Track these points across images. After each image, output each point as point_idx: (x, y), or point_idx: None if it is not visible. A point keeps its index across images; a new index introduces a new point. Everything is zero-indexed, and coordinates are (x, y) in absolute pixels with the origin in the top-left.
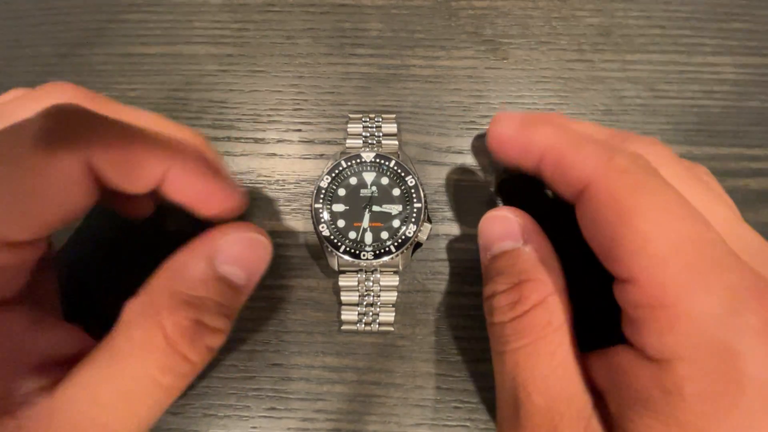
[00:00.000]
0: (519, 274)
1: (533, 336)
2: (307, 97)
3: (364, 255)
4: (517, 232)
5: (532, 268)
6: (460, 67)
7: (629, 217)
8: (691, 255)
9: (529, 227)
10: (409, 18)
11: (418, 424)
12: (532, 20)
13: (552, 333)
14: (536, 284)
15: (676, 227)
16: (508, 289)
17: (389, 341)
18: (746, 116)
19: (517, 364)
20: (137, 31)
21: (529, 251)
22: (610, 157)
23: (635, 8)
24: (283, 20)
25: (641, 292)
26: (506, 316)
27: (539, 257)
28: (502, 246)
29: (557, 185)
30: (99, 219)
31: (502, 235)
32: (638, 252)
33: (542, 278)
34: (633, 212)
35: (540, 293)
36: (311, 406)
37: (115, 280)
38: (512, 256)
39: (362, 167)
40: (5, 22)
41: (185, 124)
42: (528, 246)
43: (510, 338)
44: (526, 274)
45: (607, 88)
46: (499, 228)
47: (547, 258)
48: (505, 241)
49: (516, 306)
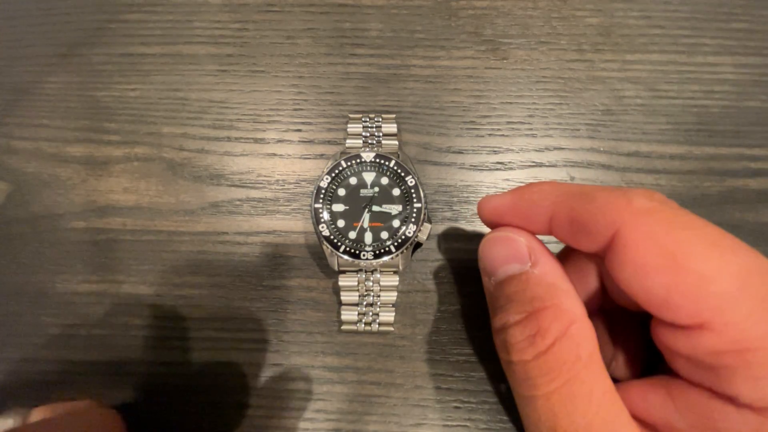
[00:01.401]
0: (532, 302)
1: (564, 377)
2: (307, 97)
3: (364, 255)
4: (523, 253)
5: (546, 294)
6: (460, 67)
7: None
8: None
9: (536, 247)
10: (409, 18)
11: (418, 424)
12: (532, 20)
13: (584, 369)
14: (555, 312)
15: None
16: (522, 320)
17: (389, 341)
18: (746, 116)
19: (553, 411)
20: (137, 31)
21: (539, 273)
22: (629, 199)
23: (635, 8)
24: (283, 20)
25: (719, 337)
26: (527, 354)
27: (552, 280)
28: (507, 270)
29: (578, 241)
30: None
31: (507, 257)
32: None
33: (559, 304)
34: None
35: (561, 322)
36: (311, 406)
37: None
38: (521, 281)
39: (362, 167)
40: (5, 22)
41: (185, 124)
42: (537, 267)
43: (538, 381)
44: (541, 301)
45: (607, 88)
46: (502, 250)
47: (560, 280)
48: (511, 264)
49: (536, 340)
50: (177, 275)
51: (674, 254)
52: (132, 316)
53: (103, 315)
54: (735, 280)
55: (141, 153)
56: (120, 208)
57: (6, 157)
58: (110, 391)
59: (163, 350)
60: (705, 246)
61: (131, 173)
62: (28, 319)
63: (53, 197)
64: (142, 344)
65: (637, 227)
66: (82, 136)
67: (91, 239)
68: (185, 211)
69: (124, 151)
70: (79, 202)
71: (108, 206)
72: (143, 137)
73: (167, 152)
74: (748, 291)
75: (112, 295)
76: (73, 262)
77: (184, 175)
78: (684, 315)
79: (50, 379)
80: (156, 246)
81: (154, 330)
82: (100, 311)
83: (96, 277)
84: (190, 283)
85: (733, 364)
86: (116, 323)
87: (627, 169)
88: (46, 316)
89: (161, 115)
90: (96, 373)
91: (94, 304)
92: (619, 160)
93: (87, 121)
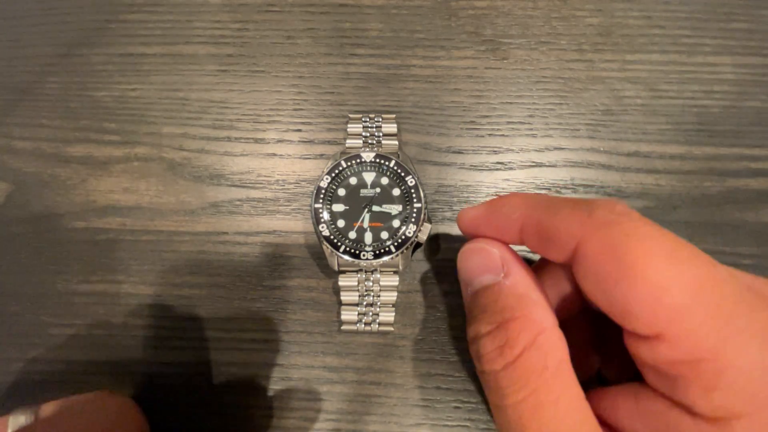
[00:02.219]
0: (502, 312)
1: (531, 386)
2: (307, 97)
3: (364, 255)
4: (497, 264)
5: (516, 304)
6: (460, 67)
7: (635, 269)
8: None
9: (508, 258)
10: (409, 18)
11: (418, 424)
12: (532, 20)
13: (551, 378)
14: (523, 323)
15: (686, 271)
16: (492, 330)
17: (389, 341)
18: (746, 116)
19: (521, 420)
20: (137, 31)
21: (510, 284)
22: (590, 212)
23: (635, 8)
24: (283, 20)
25: (673, 347)
26: (497, 364)
27: (522, 290)
28: (482, 280)
29: (546, 252)
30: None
31: (482, 268)
32: (657, 305)
33: (528, 315)
34: (636, 263)
35: (529, 332)
36: (311, 406)
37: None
38: (493, 292)
39: (362, 167)
40: (5, 22)
41: (185, 124)
42: (509, 278)
43: (507, 391)
44: (510, 311)
45: (607, 88)
46: (477, 260)
47: (530, 290)
48: (485, 274)
49: (504, 350)
50: (177, 275)
51: (631, 265)
52: (132, 316)
53: (103, 315)
54: (688, 291)
55: (141, 153)
56: (120, 208)
57: (6, 157)
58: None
59: (163, 350)
60: (661, 257)
61: (131, 173)
62: (28, 319)
63: (53, 197)
64: (142, 344)
65: (596, 240)
66: (82, 136)
67: (91, 239)
68: (185, 211)
69: (124, 151)
70: (79, 202)
71: (108, 206)
72: (143, 137)
73: (167, 152)
74: (701, 301)
75: (112, 295)
76: (73, 262)
77: (184, 175)
78: (642, 325)
79: (50, 379)
80: (156, 246)
81: (154, 330)
82: (100, 311)
83: (96, 277)
84: (190, 283)
85: (687, 374)
86: (116, 323)
87: (627, 169)
88: (46, 316)
89: (161, 115)
90: (96, 373)
91: (94, 304)
92: (619, 160)
93: (87, 121)
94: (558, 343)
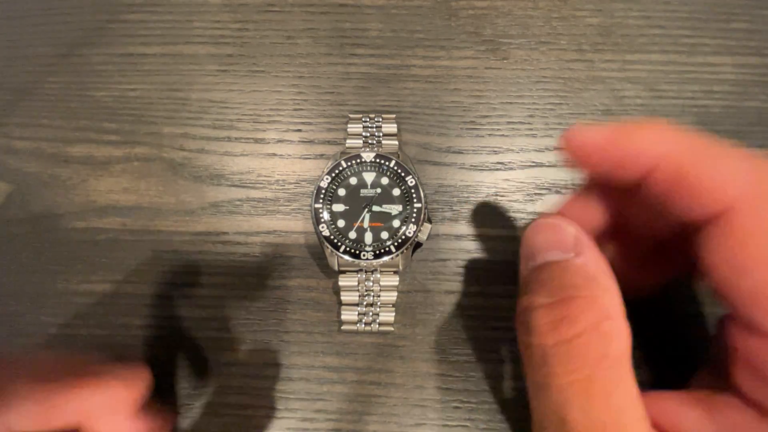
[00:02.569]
0: (566, 289)
1: (586, 371)
2: (307, 97)
3: (364, 255)
4: (569, 243)
5: (583, 284)
6: (460, 67)
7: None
8: None
9: (583, 239)
10: (409, 18)
11: (418, 424)
12: (532, 20)
13: (609, 369)
14: (589, 303)
15: None
16: (550, 303)
17: (389, 341)
18: (746, 116)
19: (566, 403)
20: (137, 31)
21: (580, 263)
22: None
23: (635, 8)
24: (283, 20)
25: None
26: (549, 338)
27: (593, 272)
28: (547, 256)
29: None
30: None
31: (551, 244)
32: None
33: (595, 297)
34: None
35: (593, 315)
36: (311, 406)
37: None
38: (559, 268)
39: (362, 167)
40: (5, 22)
41: (185, 124)
42: (580, 258)
43: (555, 369)
44: (576, 289)
45: (607, 88)
46: (547, 236)
47: (601, 275)
48: (552, 251)
49: (560, 327)
50: (177, 275)
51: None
52: (132, 316)
53: (103, 315)
54: None
55: (141, 153)
56: (120, 208)
57: (6, 157)
58: None
59: (163, 350)
60: None
61: (131, 173)
62: (28, 319)
63: (53, 197)
64: (142, 344)
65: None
66: (82, 136)
67: (91, 239)
68: (185, 211)
69: (124, 151)
70: (79, 202)
71: (108, 206)
72: (143, 137)
73: (167, 152)
74: None
75: (112, 295)
76: (73, 262)
77: (184, 175)
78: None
79: None
80: (156, 246)
81: (154, 330)
82: (100, 311)
83: (96, 277)
84: (190, 283)
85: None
86: (116, 323)
87: None
88: (46, 316)
89: (161, 115)
90: None
91: (94, 304)
92: None
93: (87, 121)
94: (623, 335)
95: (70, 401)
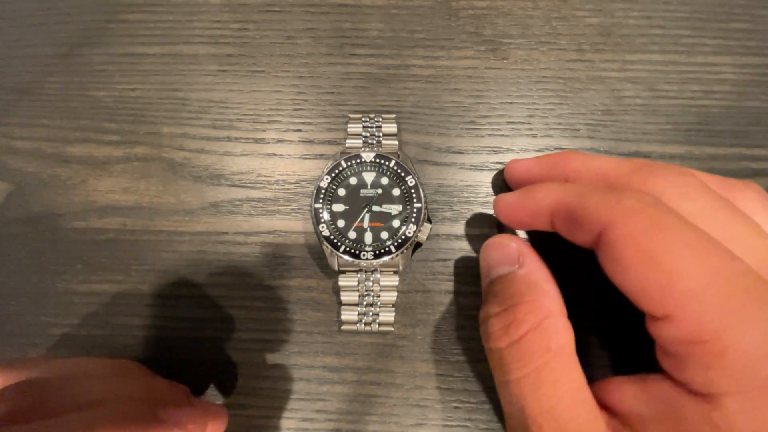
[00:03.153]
0: (513, 297)
1: (533, 364)
2: (307, 97)
3: (364, 255)
4: (513, 257)
5: (525, 290)
6: (460, 67)
7: (654, 257)
8: (723, 288)
9: (525, 251)
10: (409, 18)
11: (418, 424)
12: (532, 20)
13: (553, 359)
14: (530, 306)
15: (702, 261)
16: (501, 312)
17: (389, 341)
18: (746, 116)
19: (522, 395)
20: (137, 31)
21: (522, 274)
22: (618, 200)
23: (635, 8)
24: (283, 20)
25: (679, 328)
26: (502, 342)
27: (534, 279)
28: (498, 271)
29: (573, 237)
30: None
31: (500, 260)
32: (670, 289)
33: (536, 300)
34: (656, 251)
35: (535, 315)
36: (311, 406)
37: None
38: (506, 280)
39: (362, 167)
40: (5, 22)
41: (185, 124)
42: (523, 268)
43: (511, 367)
44: (520, 296)
45: (607, 88)
46: (497, 254)
47: (542, 280)
48: (502, 266)
49: (510, 330)
50: (177, 275)
51: (650, 252)
52: (132, 316)
53: (103, 315)
54: (701, 280)
55: (141, 153)
56: (120, 208)
57: (6, 157)
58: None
59: (163, 350)
60: (680, 246)
61: (131, 173)
62: (28, 319)
63: (53, 197)
64: (142, 344)
65: (621, 226)
66: (82, 136)
67: (91, 239)
68: (185, 211)
69: (124, 151)
70: (79, 202)
71: (108, 206)
72: (143, 137)
73: (167, 152)
74: (711, 290)
75: (112, 295)
76: (73, 262)
77: (184, 175)
78: (655, 307)
79: None
80: (156, 246)
81: (154, 330)
82: (100, 311)
83: (96, 277)
84: (190, 283)
85: (687, 353)
86: (116, 323)
87: None
88: (46, 316)
89: (161, 115)
90: None
91: (94, 304)
92: None
93: (87, 121)
94: (563, 329)
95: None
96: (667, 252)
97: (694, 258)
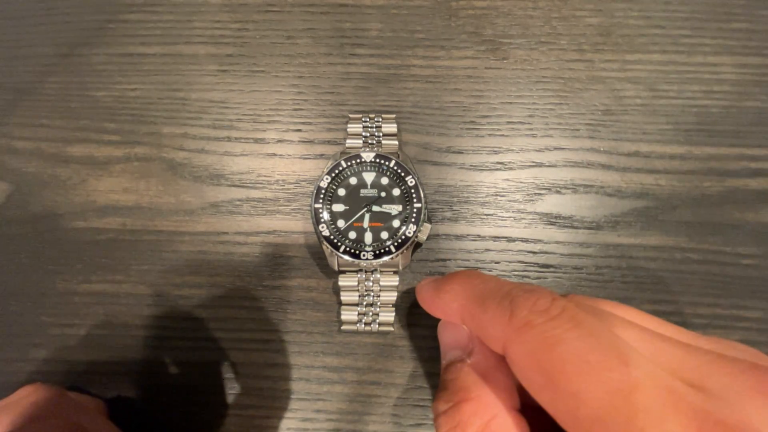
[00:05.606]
0: (458, 393)
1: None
2: (307, 97)
3: (364, 255)
4: (465, 341)
5: (472, 385)
6: (460, 67)
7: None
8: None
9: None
10: (409, 18)
11: (418, 424)
12: (532, 20)
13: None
14: (476, 405)
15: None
16: (448, 410)
17: (389, 341)
18: (746, 116)
19: None
20: (137, 31)
21: (471, 364)
22: (511, 313)
23: (635, 8)
24: (283, 20)
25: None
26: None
27: (482, 370)
28: (451, 355)
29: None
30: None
31: (451, 344)
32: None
33: (482, 397)
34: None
35: (481, 417)
36: (311, 406)
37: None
38: (456, 370)
39: (362, 167)
40: (5, 22)
41: (185, 124)
42: (472, 357)
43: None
44: (466, 392)
45: (607, 88)
46: (449, 335)
47: (490, 371)
48: (454, 350)
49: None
50: (177, 275)
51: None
52: (132, 316)
53: (103, 315)
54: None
55: (141, 153)
56: (120, 208)
57: (6, 157)
58: (110, 391)
59: (163, 350)
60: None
61: (131, 173)
62: (28, 319)
63: (53, 197)
64: (142, 344)
65: (517, 345)
66: (82, 136)
67: (91, 239)
68: (185, 211)
69: (124, 151)
70: (79, 202)
71: (108, 206)
72: (143, 137)
73: (167, 152)
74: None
75: (112, 295)
76: (73, 262)
77: (184, 175)
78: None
79: (50, 379)
80: (156, 246)
81: (154, 330)
82: (100, 311)
83: (96, 277)
84: (190, 283)
85: None
86: (116, 323)
87: (627, 169)
88: (46, 316)
89: (161, 115)
90: (96, 373)
91: (94, 304)
92: (619, 160)
93: (87, 121)
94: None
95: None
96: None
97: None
